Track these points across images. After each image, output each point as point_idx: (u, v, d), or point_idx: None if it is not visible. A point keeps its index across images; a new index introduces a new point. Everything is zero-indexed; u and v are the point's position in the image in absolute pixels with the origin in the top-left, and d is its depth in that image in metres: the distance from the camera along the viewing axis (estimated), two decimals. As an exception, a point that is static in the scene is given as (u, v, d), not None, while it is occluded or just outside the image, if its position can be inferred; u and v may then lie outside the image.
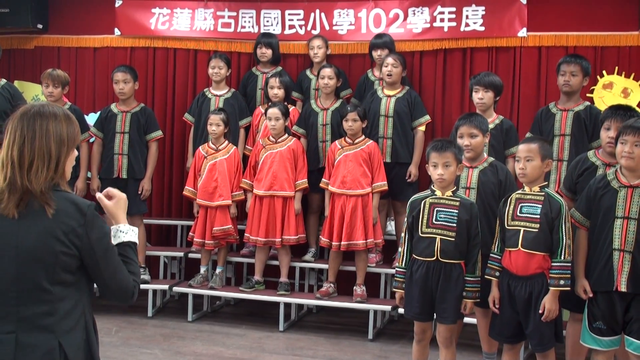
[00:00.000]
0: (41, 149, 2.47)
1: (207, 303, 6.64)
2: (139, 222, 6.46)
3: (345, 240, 5.88)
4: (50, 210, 2.43)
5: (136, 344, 5.68)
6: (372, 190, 5.94)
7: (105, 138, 6.46)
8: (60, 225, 2.44)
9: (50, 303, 2.45)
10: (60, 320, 2.46)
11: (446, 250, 4.24)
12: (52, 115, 2.52)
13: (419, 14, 6.73)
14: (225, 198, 6.24)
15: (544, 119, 5.49)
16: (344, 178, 5.91)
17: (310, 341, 5.85)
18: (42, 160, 2.46)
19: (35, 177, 2.44)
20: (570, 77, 5.34)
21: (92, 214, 2.49)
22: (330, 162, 6.05)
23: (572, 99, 5.42)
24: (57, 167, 2.50)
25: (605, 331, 4.05)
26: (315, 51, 6.65)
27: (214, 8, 7.22)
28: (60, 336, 2.46)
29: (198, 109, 6.79)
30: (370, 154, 5.94)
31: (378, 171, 5.95)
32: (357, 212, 5.88)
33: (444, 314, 4.31)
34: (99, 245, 2.48)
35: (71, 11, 7.57)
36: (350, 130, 5.92)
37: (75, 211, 2.47)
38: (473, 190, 4.56)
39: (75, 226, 2.45)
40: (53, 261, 2.43)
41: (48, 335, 2.44)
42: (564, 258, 4.05)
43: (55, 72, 6.33)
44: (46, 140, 2.48)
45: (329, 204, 6.03)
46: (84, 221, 2.46)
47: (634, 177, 3.99)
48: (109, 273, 2.51)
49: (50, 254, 2.42)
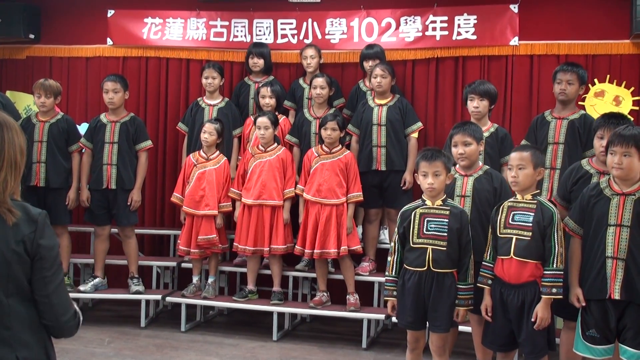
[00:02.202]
0: (9, 158, 2.43)
1: (201, 313, 6.61)
2: (130, 233, 6.44)
3: (318, 248, 5.89)
4: (13, 218, 2.38)
5: (129, 354, 5.65)
6: (347, 200, 5.95)
7: (95, 148, 6.42)
8: (13, 235, 2.39)
9: (6, 316, 2.38)
10: (17, 334, 2.40)
11: (438, 260, 4.23)
12: (13, 126, 2.48)
13: (411, 23, 6.75)
14: (211, 208, 6.23)
15: (538, 126, 5.49)
16: (320, 187, 5.93)
17: (304, 351, 5.84)
18: (10, 170, 2.43)
19: (3, 187, 2.40)
20: (566, 85, 5.34)
21: (43, 222, 2.44)
22: (306, 170, 6.06)
23: (567, 107, 5.42)
24: (19, 178, 2.47)
25: (599, 340, 4.04)
26: (308, 60, 6.66)
27: (207, 17, 7.22)
28: (17, 350, 2.39)
29: (192, 119, 6.78)
30: (347, 164, 5.96)
31: (354, 181, 5.97)
32: (332, 220, 5.90)
33: (436, 322, 4.30)
34: (47, 254, 2.43)
35: (63, 21, 7.57)
36: (329, 139, 5.93)
37: (27, 219, 2.42)
38: (468, 198, 4.57)
39: (26, 233, 2.40)
40: (6, 272, 2.37)
41: (4, 350, 2.37)
42: (556, 266, 4.05)
43: (47, 82, 6.31)
44: (13, 151, 2.45)
45: (303, 211, 6.04)
46: (35, 228, 2.42)
47: (626, 185, 3.99)
48: (53, 286, 2.44)
49: (3, 264, 2.37)
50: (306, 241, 5.97)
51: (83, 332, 6.05)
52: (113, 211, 6.33)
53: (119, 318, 6.57)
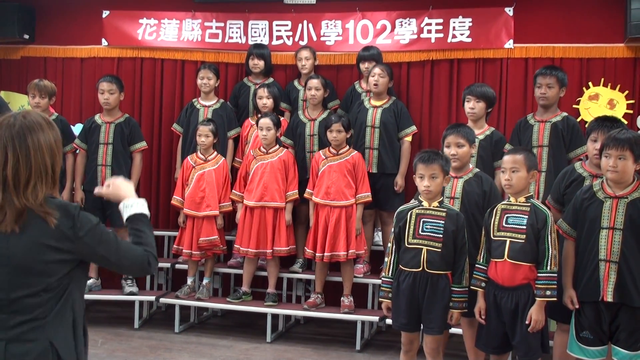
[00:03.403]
0: (37, 165, 2.45)
1: (194, 314, 6.60)
2: (125, 234, 6.39)
3: (328, 251, 5.88)
4: (54, 220, 2.43)
5: (122, 355, 5.64)
6: (356, 201, 5.94)
7: (89, 149, 6.42)
8: (53, 234, 2.43)
9: (41, 307, 2.44)
10: (51, 322, 2.45)
11: (432, 261, 4.24)
12: (38, 125, 2.49)
13: (407, 25, 6.76)
14: (212, 208, 6.23)
15: (522, 130, 5.51)
16: (328, 189, 5.91)
17: (297, 352, 5.83)
18: (39, 177, 2.45)
19: (33, 194, 2.43)
20: (546, 89, 5.35)
21: (79, 215, 2.48)
22: (314, 173, 6.05)
23: (549, 110, 5.43)
24: (53, 179, 2.50)
25: (592, 341, 4.06)
26: (303, 62, 6.66)
27: (202, 19, 7.22)
28: (52, 337, 2.45)
29: (187, 120, 6.77)
30: (354, 164, 5.94)
31: (362, 182, 5.95)
32: (341, 223, 5.88)
33: (430, 324, 4.31)
34: (91, 238, 2.48)
35: (58, 21, 7.55)
36: (335, 141, 5.93)
37: (63, 216, 2.45)
38: (457, 200, 4.58)
39: (66, 230, 2.44)
40: (44, 270, 2.43)
41: (40, 337, 2.43)
42: (550, 269, 4.06)
43: (42, 83, 6.31)
44: (41, 155, 2.46)
45: (313, 214, 6.03)
46: (73, 224, 2.46)
47: (619, 188, 4.01)
48: (115, 256, 2.55)
49: (43, 263, 2.42)
50: (317, 244, 5.94)
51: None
52: (107, 212, 6.31)
53: (112, 319, 6.55)
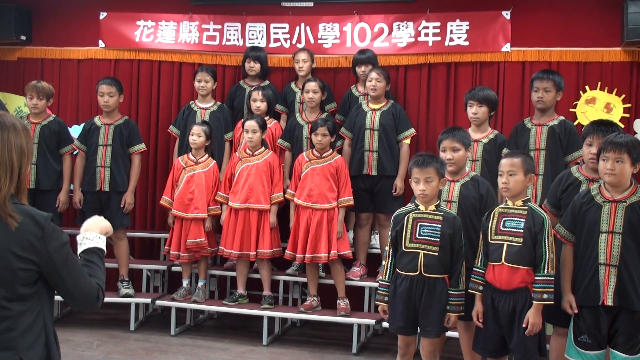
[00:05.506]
0: (3, 159, 2.42)
1: (190, 317, 6.59)
2: (122, 235, 6.42)
3: (309, 252, 5.89)
4: (14, 223, 2.38)
5: (118, 358, 5.63)
6: (338, 204, 5.95)
7: (88, 151, 6.41)
8: (18, 241, 2.38)
9: (10, 319, 2.39)
10: (20, 336, 2.40)
11: (429, 265, 4.24)
12: (12, 126, 2.47)
13: (404, 29, 6.76)
14: (200, 211, 6.22)
15: (519, 133, 5.51)
16: (311, 191, 5.92)
17: (294, 355, 5.82)
18: (4, 172, 2.41)
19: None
20: (543, 93, 5.35)
21: (49, 226, 2.44)
22: (296, 174, 6.06)
23: (546, 114, 5.43)
24: (18, 178, 2.45)
25: (591, 345, 4.06)
26: (301, 64, 6.66)
27: (199, 21, 7.21)
28: (22, 352, 2.41)
29: (183, 122, 6.76)
30: (337, 168, 5.95)
31: (344, 186, 5.96)
32: (322, 225, 5.89)
33: (427, 327, 4.31)
34: (57, 255, 2.43)
35: (55, 23, 7.53)
36: (320, 145, 5.93)
37: (33, 224, 2.41)
38: (454, 203, 4.58)
39: (33, 240, 2.40)
40: (11, 278, 2.38)
41: (8, 353, 2.39)
42: (547, 272, 4.07)
43: (39, 84, 6.30)
44: (8, 151, 2.43)
45: (294, 215, 6.03)
46: (41, 234, 2.41)
47: (617, 191, 4.01)
48: (71, 282, 2.47)
49: (8, 270, 2.37)
50: (297, 246, 5.95)
51: (72, 335, 6.07)
52: (105, 213, 6.27)
53: (108, 321, 6.53)
